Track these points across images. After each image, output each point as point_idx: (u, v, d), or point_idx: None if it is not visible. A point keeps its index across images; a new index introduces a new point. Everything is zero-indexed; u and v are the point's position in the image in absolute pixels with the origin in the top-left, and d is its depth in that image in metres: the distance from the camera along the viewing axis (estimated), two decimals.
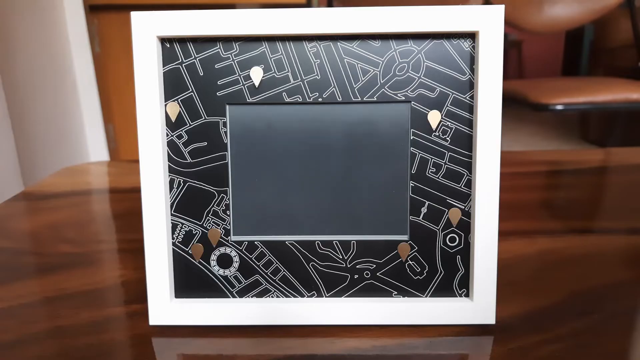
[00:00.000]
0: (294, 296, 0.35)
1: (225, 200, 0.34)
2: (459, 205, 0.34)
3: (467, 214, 0.34)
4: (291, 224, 0.35)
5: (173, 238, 0.35)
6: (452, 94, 0.33)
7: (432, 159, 0.34)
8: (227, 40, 0.33)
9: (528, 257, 0.44)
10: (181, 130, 0.34)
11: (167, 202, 0.34)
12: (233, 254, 0.35)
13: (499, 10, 0.31)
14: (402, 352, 0.31)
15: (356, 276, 0.35)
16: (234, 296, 0.35)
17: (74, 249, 0.47)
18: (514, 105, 1.44)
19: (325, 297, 0.35)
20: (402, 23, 0.32)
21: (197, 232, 0.35)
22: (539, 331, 0.33)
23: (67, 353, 0.31)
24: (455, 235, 0.34)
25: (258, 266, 0.35)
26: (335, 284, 0.35)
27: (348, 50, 0.33)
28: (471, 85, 0.33)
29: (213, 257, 0.35)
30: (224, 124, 0.34)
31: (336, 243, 0.34)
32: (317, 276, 0.35)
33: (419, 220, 0.34)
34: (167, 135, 0.34)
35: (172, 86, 0.33)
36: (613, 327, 0.33)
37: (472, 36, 0.32)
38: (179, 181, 0.34)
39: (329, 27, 0.32)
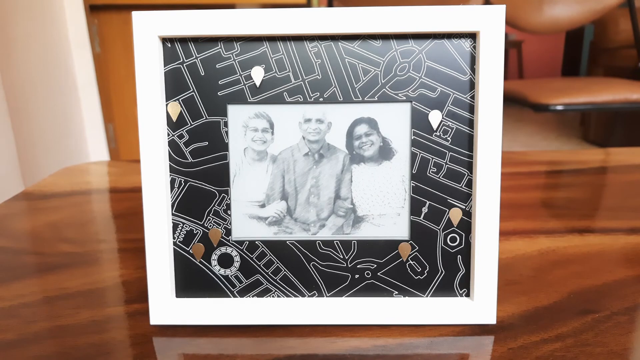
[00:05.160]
0: (295, 296, 0.35)
1: (226, 200, 0.34)
2: (459, 205, 0.34)
3: (468, 214, 0.34)
4: (292, 224, 0.35)
5: (174, 238, 0.35)
6: (453, 93, 0.33)
7: (432, 158, 0.34)
8: (228, 40, 0.33)
9: (528, 256, 0.44)
10: (182, 130, 0.34)
11: (168, 202, 0.34)
12: (234, 253, 0.35)
13: (499, 11, 0.31)
14: (402, 351, 0.31)
15: (357, 276, 0.35)
16: (234, 296, 0.35)
17: (74, 249, 0.47)
18: (514, 105, 1.44)
19: (326, 296, 0.35)
20: (403, 23, 0.32)
21: (198, 232, 0.35)
22: (540, 331, 0.33)
23: (67, 352, 0.31)
24: (456, 235, 0.34)
25: (259, 266, 0.35)
26: (336, 284, 0.35)
27: (349, 50, 0.33)
28: (472, 85, 0.33)
29: (214, 256, 0.35)
30: (225, 124, 0.34)
31: (337, 243, 0.34)
32: (318, 276, 0.35)
33: (420, 220, 0.34)
34: (168, 134, 0.34)
35: (173, 86, 0.33)
36: (613, 326, 0.33)
37: (472, 36, 0.32)
38: (180, 181, 0.34)
39: (330, 27, 0.32)
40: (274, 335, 0.33)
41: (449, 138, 0.33)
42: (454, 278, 0.35)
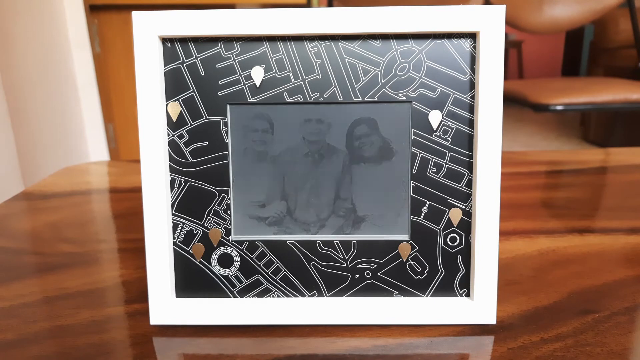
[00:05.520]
0: (295, 296, 0.35)
1: (226, 200, 0.34)
2: (459, 205, 0.34)
3: (468, 214, 0.34)
4: (292, 224, 0.35)
5: (174, 238, 0.35)
6: (453, 93, 0.33)
7: (432, 159, 0.34)
8: (228, 40, 0.33)
9: (528, 256, 0.44)
10: (182, 130, 0.34)
11: (168, 202, 0.34)
12: (234, 253, 0.35)
13: (499, 11, 0.31)
14: (402, 351, 0.31)
15: (357, 276, 0.35)
16: (234, 296, 0.35)
17: (74, 249, 0.47)
18: (514, 105, 1.44)
19: (326, 296, 0.35)
20: (403, 23, 0.32)
21: (198, 232, 0.35)
22: (540, 331, 0.33)
23: (67, 352, 0.31)
24: (456, 235, 0.34)
25: (259, 266, 0.35)
26: (336, 284, 0.35)
27: (349, 50, 0.33)
28: (472, 85, 0.33)
29: (214, 256, 0.35)
30: (225, 124, 0.34)
31: (337, 243, 0.34)
32: (318, 276, 0.35)
33: (420, 220, 0.34)
34: (168, 134, 0.34)
35: (173, 86, 0.33)
36: (613, 326, 0.33)
37: (472, 36, 0.32)
38: (180, 181, 0.34)
39: (330, 27, 0.32)
40: (274, 335, 0.33)
41: (449, 138, 0.33)
42: (454, 278, 0.35)
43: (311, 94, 0.33)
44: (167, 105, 0.33)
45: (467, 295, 0.35)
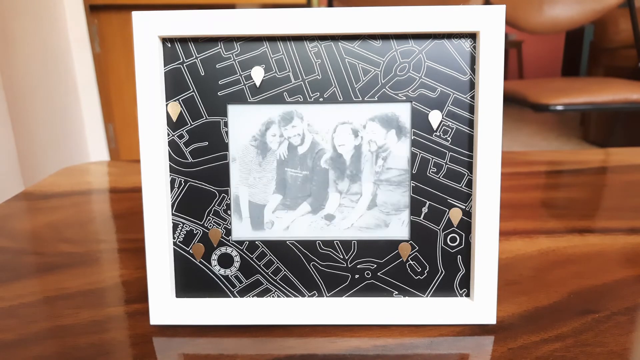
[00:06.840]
0: (295, 296, 0.35)
1: (226, 200, 0.34)
2: (459, 205, 0.34)
3: (468, 214, 0.34)
4: (292, 224, 0.35)
5: (174, 238, 0.35)
6: (453, 94, 0.33)
7: (432, 159, 0.34)
8: (228, 40, 0.33)
9: (528, 256, 0.44)
10: (182, 130, 0.34)
11: (168, 202, 0.34)
12: (234, 253, 0.35)
13: (499, 11, 0.31)
14: (402, 351, 0.31)
15: (357, 276, 0.35)
16: (234, 296, 0.35)
17: (74, 249, 0.47)
18: (514, 105, 1.44)
19: (326, 296, 0.35)
20: (403, 23, 0.32)
21: (198, 232, 0.35)
22: (540, 331, 0.33)
23: (67, 352, 0.31)
24: (456, 235, 0.34)
25: (259, 266, 0.35)
26: (336, 284, 0.35)
27: (349, 50, 0.33)
28: (472, 85, 0.33)
29: (214, 256, 0.35)
30: (225, 124, 0.34)
31: (337, 243, 0.34)
32: (318, 276, 0.35)
33: (420, 220, 0.34)
34: (168, 134, 0.34)
35: (173, 86, 0.33)
36: (613, 326, 0.33)
37: (472, 36, 0.32)
38: (180, 181, 0.34)
39: (330, 27, 0.32)
40: (274, 335, 0.33)
41: (449, 138, 0.33)
42: (454, 278, 0.35)
43: (311, 94, 0.33)
44: (167, 105, 0.33)
45: (467, 295, 0.35)
